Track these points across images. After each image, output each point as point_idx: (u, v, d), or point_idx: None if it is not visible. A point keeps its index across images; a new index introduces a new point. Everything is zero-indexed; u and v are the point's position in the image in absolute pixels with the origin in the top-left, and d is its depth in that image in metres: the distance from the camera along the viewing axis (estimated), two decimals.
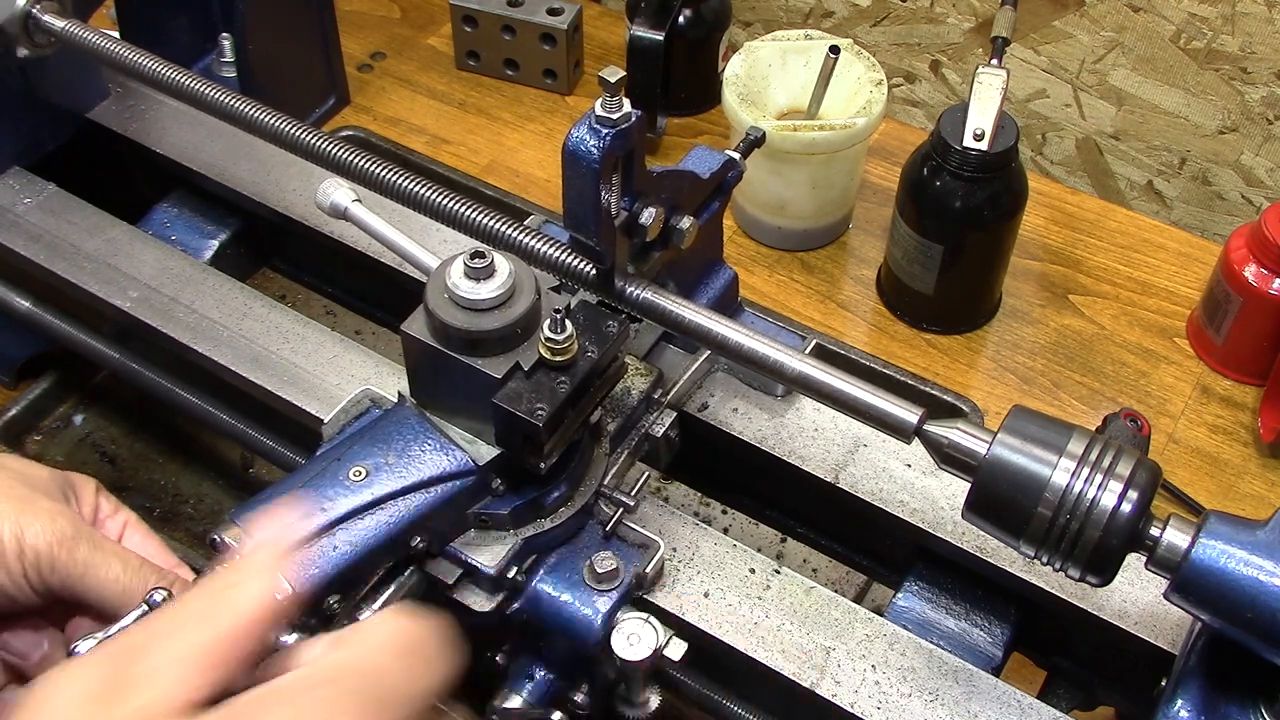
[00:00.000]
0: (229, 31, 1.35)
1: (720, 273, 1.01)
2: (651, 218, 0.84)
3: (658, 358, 1.00)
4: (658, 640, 0.82)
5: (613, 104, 0.78)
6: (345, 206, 0.93)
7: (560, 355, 0.78)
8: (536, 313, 0.79)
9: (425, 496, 0.80)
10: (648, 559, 0.86)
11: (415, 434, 0.82)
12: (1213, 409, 1.31)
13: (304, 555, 0.75)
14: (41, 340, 1.24)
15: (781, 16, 1.72)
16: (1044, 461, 0.72)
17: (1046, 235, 1.46)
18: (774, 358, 0.83)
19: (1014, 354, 1.35)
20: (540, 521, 0.85)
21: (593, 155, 0.78)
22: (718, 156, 0.94)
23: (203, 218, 1.25)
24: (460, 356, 0.78)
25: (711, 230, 0.97)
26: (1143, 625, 0.86)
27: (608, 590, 0.84)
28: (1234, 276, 1.26)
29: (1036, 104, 1.61)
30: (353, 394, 0.89)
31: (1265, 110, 1.46)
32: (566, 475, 0.85)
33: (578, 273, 0.87)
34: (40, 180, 1.17)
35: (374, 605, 0.79)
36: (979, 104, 1.23)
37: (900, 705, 0.83)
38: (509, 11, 1.57)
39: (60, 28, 1.07)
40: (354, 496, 0.78)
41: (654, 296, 0.87)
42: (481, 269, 0.77)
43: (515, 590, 0.85)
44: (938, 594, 0.94)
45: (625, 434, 0.93)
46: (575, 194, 0.81)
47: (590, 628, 0.83)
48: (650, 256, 0.89)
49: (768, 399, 1.00)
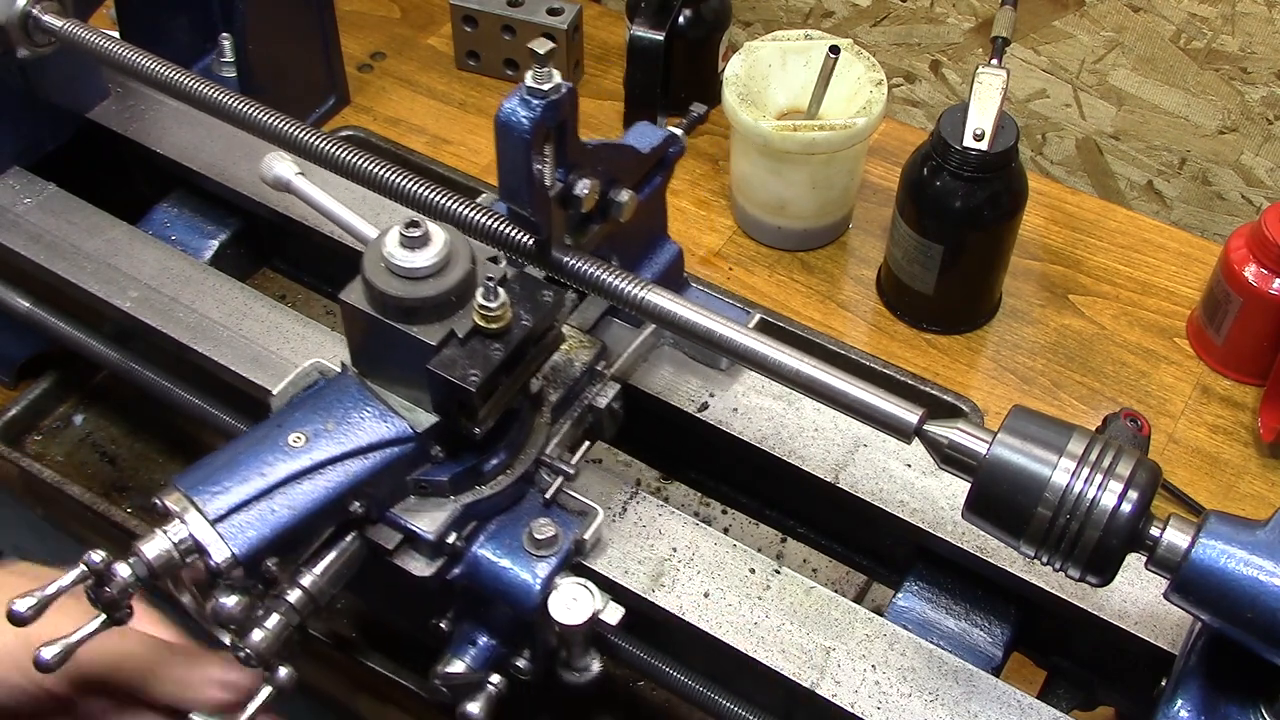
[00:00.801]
0: (229, 31, 1.35)
1: (665, 247, 1.03)
2: (587, 189, 0.86)
3: (603, 331, 1.02)
4: (594, 605, 0.85)
5: (543, 75, 0.80)
6: (288, 179, 0.96)
7: (494, 323, 0.80)
8: (472, 281, 0.81)
9: (364, 462, 0.82)
10: (587, 525, 0.88)
11: (355, 402, 0.84)
12: (1213, 409, 1.31)
13: (242, 518, 0.78)
14: (41, 340, 1.24)
15: (781, 16, 1.72)
16: (1044, 461, 0.72)
17: (1046, 235, 1.46)
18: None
19: (1014, 354, 1.35)
20: (480, 488, 0.87)
21: (524, 126, 0.80)
22: (659, 132, 0.96)
23: (203, 218, 1.25)
24: (396, 324, 0.80)
25: (653, 205, 0.99)
26: (1143, 625, 0.86)
27: (546, 556, 0.86)
28: (1234, 276, 1.26)
29: (1036, 104, 1.61)
30: (302, 366, 0.90)
31: (1265, 110, 1.46)
32: (506, 443, 0.87)
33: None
34: (40, 180, 1.17)
35: (315, 570, 0.82)
36: (979, 104, 1.23)
37: (900, 705, 0.83)
38: (509, 11, 1.57)
39: (60, 28, 1.07)
40: (293, 461, 0.80)
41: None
42: (416, 238, 0.80)
43: (455, 556, 0.87)
44: (938, 594, 0.94)
45: (568, 405, 0.95)
46: (509, 165, 0.83)
47: (528, 592, 0.85)
48: (589, 229, 0.91)
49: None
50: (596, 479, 0.94)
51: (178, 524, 0.77)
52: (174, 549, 0.76)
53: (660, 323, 0.87)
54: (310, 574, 0.82)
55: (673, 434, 1.04)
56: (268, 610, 0.80)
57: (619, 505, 0.93)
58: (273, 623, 0.79)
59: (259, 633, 0.79)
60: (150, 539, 0.76)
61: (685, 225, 1.48)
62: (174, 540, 0.76)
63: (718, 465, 1.07)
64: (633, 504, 0.93)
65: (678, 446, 1.08)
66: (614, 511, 0.93)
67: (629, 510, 0.93)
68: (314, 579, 0.82)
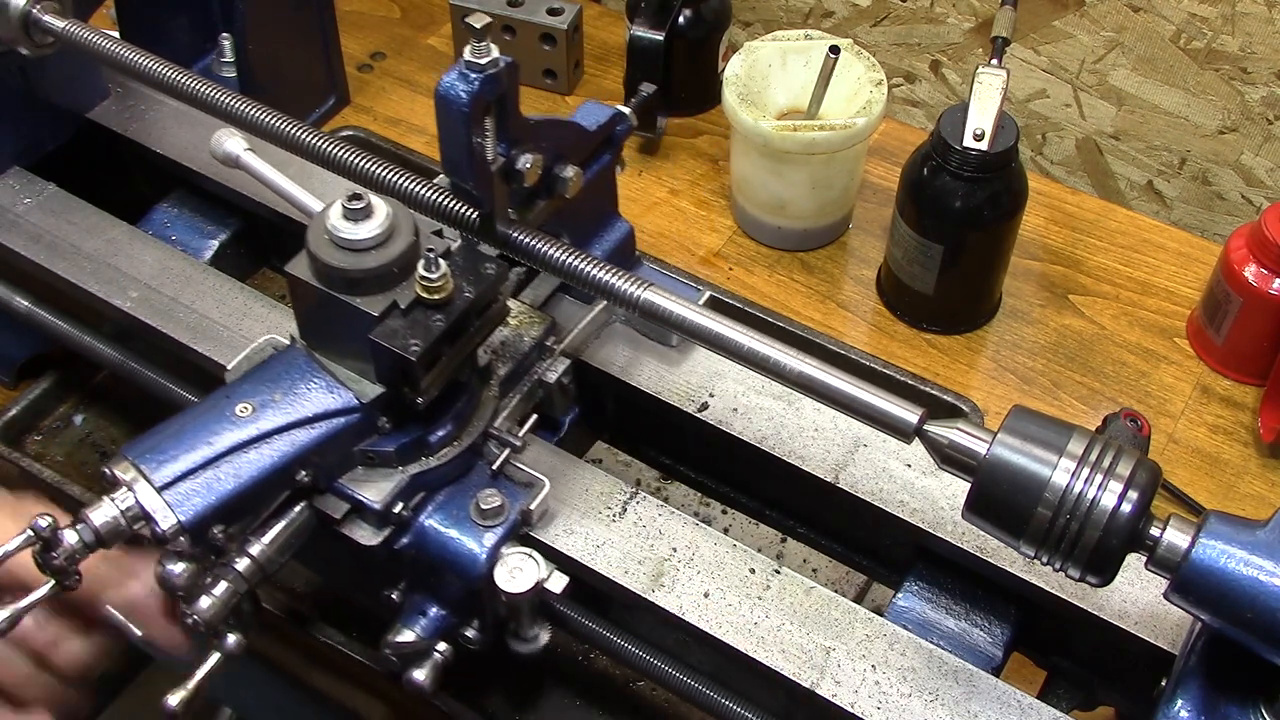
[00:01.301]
0: (229, 31, 1.35)
1: (616, 225, 1.05)
2: (529, 164, 0.87)
3: (554, 308, 1.03)
4: (539, 574, 0.86)
5: (481, 49, 0.81)
6: (237, 154, 0.98)
7: (435, 293, 0.81)
8: (414, 253, 0.83)
9: (310, 432, 0.83)
10: (533, 496, 0.89)
11: (302, 373, 0.85)
12: (1213, 409, 1.31)
13: (189, 486, 0.80)
14: (41, 340, 1.24)
15: (781, 16, 1.73)
16: (1044, 461, 0.72)
17: (1046, 235, 1.46)
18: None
19: (1014, 354, 1.35)
20: (427, 460, 0.88)
21: (462, 100, 0.81)
22: (606, 110, 0.98)
23: (203, 218, 1.24)
24: (340, 295, 0.82)
25: (602, 183, 1.00)
26: (1143, 625, 0.86)
27: (493, 526, 0.88)
28: (1234, 276, 1.26)
29: (1036, 104, 1.61)
30: (256, 342, 0.92)
31: (1265, 110, 1.46)
32: (452, 415, 0.89)
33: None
34: (40, 180, 1.17)
35: (264, 539, 0.84)
36: (979, 104, 1.23)
37: (900, 705, 0.83)
38: (509, 11, 1.57)
39: (60, 28, 1.07)
40: (239, 431, 0.82)
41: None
42: (359, 210, 0.81)
43: (402, 525, 0.88)
44: (938, 594, 0.94)
45: (517, 379, 0.96)
46: (449, 139, 0.84)
47: (474, 562, 0.87)
48: (535, 204, 0.92)
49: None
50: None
51: (125, 491, 0.79)
52: (121, 516, 0.78)
53: (609, 298, 0.88)
54: (259, 543, 0.83)
55: (672, 434, 1.04)
56: (216, 578, 0.82)
57: (619, 505, 0.93)
58: (220, 590, 0.81)
59: (206, 600, 0.81)
60: (97, 506, 0.78)
61: (685, 225, 1.48)
62: (121, 507, 0.78)
63: (718, 465, 1.07)
64: (633, 504, 0.93)
65: (677, 446, 1.08)
66: (614, 511, 0.93)
67: (629, 510, 0.93)
68: (262, 548, 0.84)
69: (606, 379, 1.01)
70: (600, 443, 1.14)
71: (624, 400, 1.03)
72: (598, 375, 1.02)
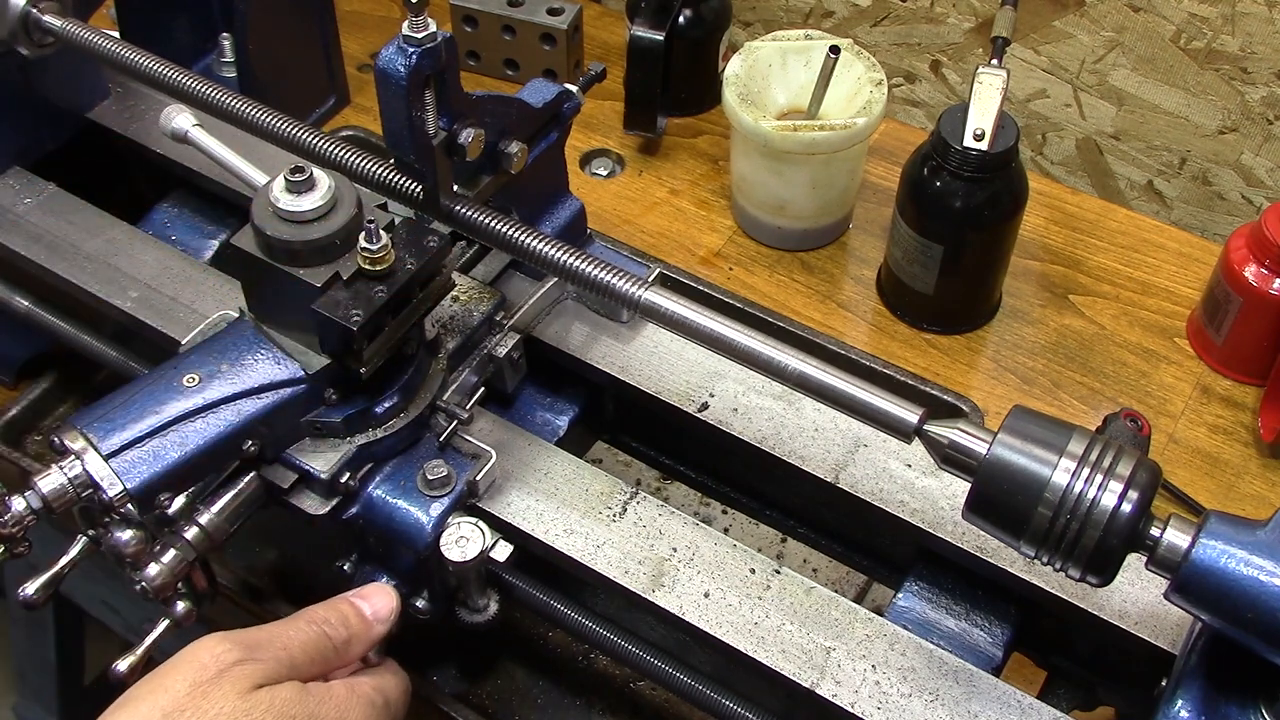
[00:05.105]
0: (229, 31, 1.35)
1: (566, 203, 1.06)
2: (470, 138, 0.88)
3: (504, 284, 1.05)
4: (484, 543, 0.88)
5: (418, 24, 0.83)
6: (185, 130, 1.01)
7: (377, 265, 0.83)
8: (357, 226, 0.84)
9: (256, 402, 0.85)
10: (479, 467, 0.91)
11: (249, 345, 0.87)
12: (1213, 409, 1.31)
13: (136, 454, 0.81)
14: (41, 340, 1.24)
15: (781, 16, 1.73)
16: (1044, 461, 0.72)
17: (1046, 235, 1.46)
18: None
19: (1014, 354, 1.35)
20: (374, 431, 0.90)
21: (400, 74, 0.83)
22: (552, 88, 0.99)
23: (203, 218, 1.24)
24: (284, 267, 0.83)
25: (550, 160, 1.02)
26: (1143, 625, 0.86)
27: (439, 496, 0.90)
28: (1234, 276, 1.26)
29: (1036, 104, 1.61)
30: (211, 317, 0.93)
31: (1265, 110, 1.46)
32: (400, 387, 0.90)
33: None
34: (40, 180, 1.17)
35: (213, 508, 0.85)
36: (979, 104, 1.23)
37: (900, 705, 0.83)
38: (509, 11, 1.57)
39: (60, 28, 1.07)
40: (185, 400, 0.84)
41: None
42: (301, 183, 0.83)
43: (349, 495, 0.90)
44: (938, 594, 0.94)
45: (466, 353, 0.98)
46: (390, 112, 0.85)
47: (421, 531, 0.89)
48: (480, 179, 0.93)
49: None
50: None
51: (73, 460, 0.80)
52: (69, 483, 0.79)
53: (559, 274, 0.89)
54: (207, 512, 0.85)
55: (672, 434, 1.04)
56: (164, 546, 0.83)
57: (619, 505, 0.93)
58: (169, 558, 0.83)
59: (154, 567, 0.82)
60: (46, 474, 0.79)
61: (685, 225, 1.48)
62: (69, 475, 0.80)
63: (718, 465, 1.07)
64: (633, 504, 0.93)
65: (677, 446, 1.08)
66: (614, 511, 0.93)
67: (629, 510, 0.93)
68: (210, 517, 0.85)
69: (558, 354, 1.03)
70: (600, 443, 1.14)
71: (624, 400, 1.03)
72: (549, 350, 1.03)
